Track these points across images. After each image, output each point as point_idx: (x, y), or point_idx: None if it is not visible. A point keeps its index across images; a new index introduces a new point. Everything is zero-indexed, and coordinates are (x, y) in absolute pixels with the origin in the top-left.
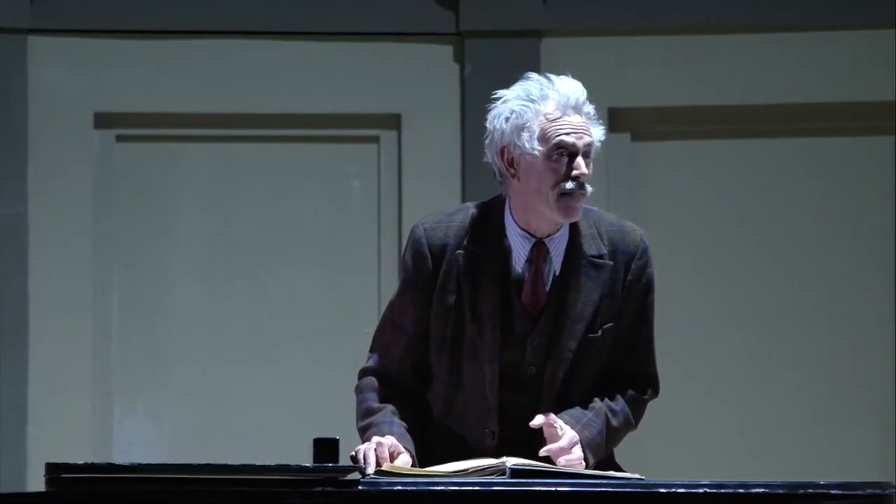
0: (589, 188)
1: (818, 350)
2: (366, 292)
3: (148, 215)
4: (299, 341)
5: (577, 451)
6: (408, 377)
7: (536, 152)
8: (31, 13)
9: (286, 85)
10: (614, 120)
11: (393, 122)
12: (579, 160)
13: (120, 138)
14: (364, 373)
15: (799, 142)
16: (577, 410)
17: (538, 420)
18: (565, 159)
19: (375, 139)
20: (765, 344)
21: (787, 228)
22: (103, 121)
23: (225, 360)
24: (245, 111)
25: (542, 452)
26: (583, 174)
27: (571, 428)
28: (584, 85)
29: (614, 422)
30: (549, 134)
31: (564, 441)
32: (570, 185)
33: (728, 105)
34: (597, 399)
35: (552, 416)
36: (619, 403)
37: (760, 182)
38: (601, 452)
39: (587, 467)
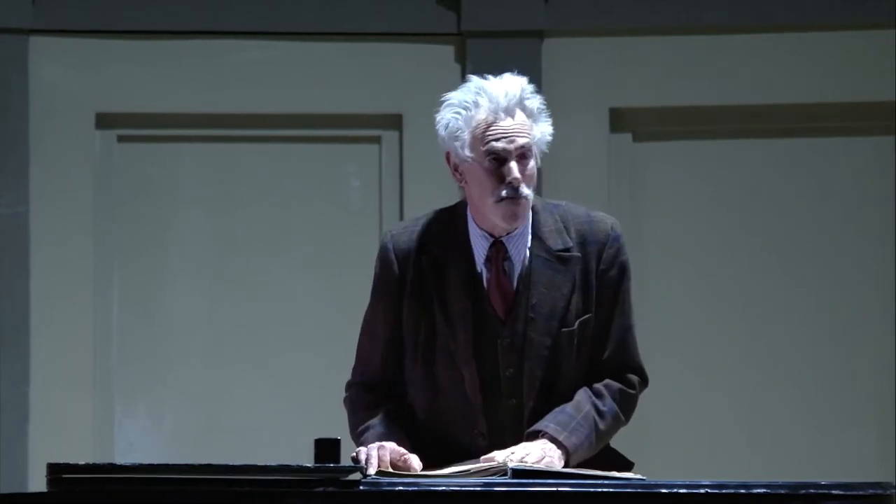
0: (526, 191)
1: (818, 350)
2: (366, 292)
3: (148, 215)
4: (299, 341)
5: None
6: (391, 382)
7: (469, 160)
8: (33, 13)
9: (286, 85)
10: (614, 120)
11: (394, 122)
12: (511, 165)
13: (121, 138)
14: (350, 387)
15: (799, 142)
16: (564, 415)
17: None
18: (498, 164)
19: (377, 139)
20: (765, 344)
21: (787, 228)
22: (104, 121)
23: (225, 361)
24: (245, 111)
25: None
26: (514, 179)
27: (557, 436)
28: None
29: (602, 425)
30: (479, 142)
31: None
32: (504, 191)
33: (728, 105)
34: (585, 400)
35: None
36: (608, 403)
37: (760, 182)
38: (589, 453)
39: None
